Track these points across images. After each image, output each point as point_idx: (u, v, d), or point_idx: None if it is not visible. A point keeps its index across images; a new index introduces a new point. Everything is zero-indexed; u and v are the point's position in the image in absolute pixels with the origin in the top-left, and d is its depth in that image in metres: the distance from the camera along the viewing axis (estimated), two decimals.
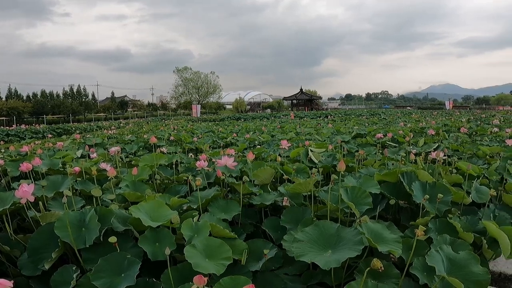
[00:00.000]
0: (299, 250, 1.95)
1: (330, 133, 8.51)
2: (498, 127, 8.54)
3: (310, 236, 2.02)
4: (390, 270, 2.00)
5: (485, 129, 8.05)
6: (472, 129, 8.41)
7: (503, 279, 2.44)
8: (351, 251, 1.87)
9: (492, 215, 2.89)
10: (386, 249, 1.94)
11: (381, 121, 16.82)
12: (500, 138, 6.53)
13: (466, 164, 3.55)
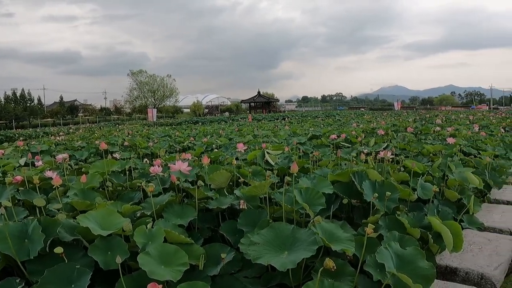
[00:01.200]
0: (256, 253, 1.96)
1: (287, 135, 8.66)
2: (440, 126, 9.14)
3: (266, 238, 2.03)
4: (346, 268, 2.06)
5: (429, 128, 8.59)
6: (417, 129, 8.93)
7: (449, 272, 2.54)
8: (306, 251, 1.91)
9: (436, 210, 3.08)
10: (339, 248, 2.00)
11: (335, 122, 17.39)
12: (442, 136, 6.99)
13: (412, 162, 3.76)
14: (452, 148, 5.15)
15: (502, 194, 4.38)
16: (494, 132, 9.28)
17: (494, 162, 4.84)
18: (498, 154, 5.85)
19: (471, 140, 6.71)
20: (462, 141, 6.16)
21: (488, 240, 2.95)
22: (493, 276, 2.40)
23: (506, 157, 5.90)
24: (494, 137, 7.87)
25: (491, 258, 2.61)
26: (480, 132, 7.88)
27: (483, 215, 3.59)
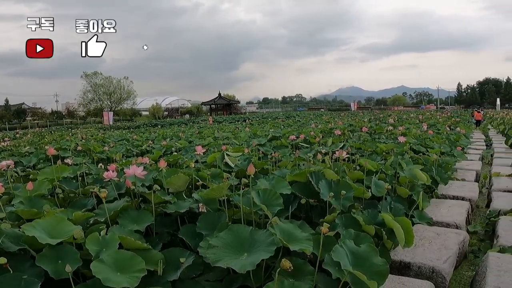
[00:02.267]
0: (215, 256, 1.94)
1: (247, 136, 8.68)
2: (392, 125, 9.60)
3: (225, 241, 2.02)
4: (305, 267, 2.09)
5: (382, 128, 8.98)
6: (372, 128, 9.30)
7: (403, 267, 2.63)
8: (265, 252, 1.92)
9: (388, 207, 3.21)
10: (298, 248, 2.01)
11: (295, 123, 17.70)
12: (394, 135, 7.33)
13: (365, 161, 3.90)
14: (403, 146, 5.41)
15: (448, 189, 4.67)
16: (441, 131, 9.89)
17: (441, 159, 5.15)
18: (444, 151, 6.24)
19: (420, 139, 7.10)
20: (412, 140, 6.50)
21: (437, 234, 3.10)
22: (443, 270, 2.52)
23: (451, 154, 6.31)
24: (441, 135, 8.39)
25: (441, 252, 2.74)
26: (428, 130, 8.35)
27: (431, 210, 3.79)
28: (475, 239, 3.57)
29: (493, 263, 2.52)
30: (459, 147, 7.05)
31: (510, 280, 2.27)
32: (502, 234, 3.19)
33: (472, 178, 5.55)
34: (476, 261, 3.06)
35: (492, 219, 3.82)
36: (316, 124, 12.73)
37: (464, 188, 4.78)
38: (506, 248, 2.92)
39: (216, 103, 60.48)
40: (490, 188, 5.03)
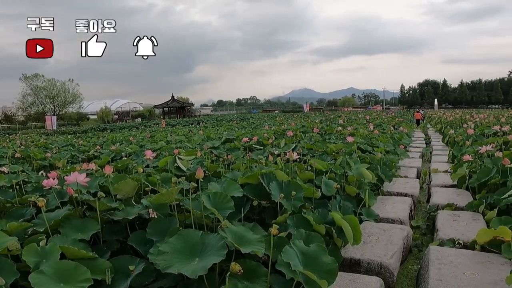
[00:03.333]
0: (165, 262, 1.90)
1: (201, 139, 8.59)
2: (342, 126, 9.98)
3: (175, 246, 1.98)
4: (259, 269, 2.10)
5: (333, 128, 9.30)
6: (323, 129, 9.59)
7: (354, 264, 2.70)
8: (216, 256, 1.90)
9: (338, 206, 3.30)
10: (249, 250, 2.01)
11: (249, 125, 17.82)
12: (343, 135, 7.61)
13: (316, 161, 4.01)
14: (351, 146, 5.63)
15: (392, 187, 4.91)
16: (386, 130, 10.44)
17: (385, 158, 5.43)
18: (388, 150, 6.58)
19: (367, 138, 7.44)
20: (359, 140, 6.78)
21: (383, 230, 3.22)
22: (390, 265, 2.62)
23: (395, 153, 6.68)
24: (385, 135, 8.85)
25: (387, 248, 2.84)
26: (375, 130, 8.79)
27: (378, 207, 3.95)
28: (418, 234, 3.74)
29: (434, 257, 2.65)
30: (402, 145, 7.47)
31: (449, 272, 2.40)
32: (441, 228, 3.37)
33: (413, 175, 5.88)
34: (420, 255, 3.19)
35: (432, 213, 4.05)
36: (269, 126, 12.90)
37: (407, 184, 5.06)
38: (445, 241, 3.09)
39: (169, 106, 59.22)
40: (430, 184, 5.37)
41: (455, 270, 2.43)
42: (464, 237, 3.07)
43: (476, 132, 8.17)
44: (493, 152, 4.62)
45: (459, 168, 4.79)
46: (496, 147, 5.37)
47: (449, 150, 8.19)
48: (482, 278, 2.30)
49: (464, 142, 7.04)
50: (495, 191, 3.81)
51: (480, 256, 2.63)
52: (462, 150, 6.27)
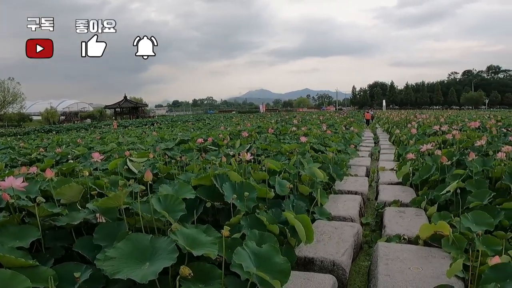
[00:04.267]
0: (113, 268, 1.82)
1: (154, 141, 8.35)
2: (296, 126, 10.19)
3: (123, 251, 1.90)
4: (214, 271, 2.07)
5: (287, 129, 9.46)
6: (278, 129, 9.73)
7: (308, 262, 2.74)
8: (167, 260, 1.85)
9: (291, 205, 3.35)
10: (201, 253, 1.98)
11: (205, 126, 17.63)
12: (297, 136, 7.77)
13: (270, 161, 4.05)
14: (304, 146, 5.75)
15: (344, 185, 5.08)
16: (338, 130, 10.81)
17: (337, 157, 5.61)
18: (340, 149, 6.81)
19: (320, 138, 7.65)
20: (313, 139, 6.96)
21: (335, 228, 3.30)
22: (342, 262, 2.69)
23: (346, 152, 6.93)
24: (338, 135, 9.16)
25: (339, 245, 2.92)
26: (327, 130, 9.07)
27: (330, 205, 4.06)
28: (368, 230, 3.88)
29: (381, 253, 2.76)
30: (352, 145, 7.77)
31: (396, 268, 2.51)
32: (388, 224, 3.51)
33: (363, 173, 6.13)
34: (370, 251, 3.31)
35: (380, 210, 4.23)
36: (225, 127, 12.85)
37: (357, 183, 5.26)
38: (391, 237, 3.22)
39: (122, 107, 57.01)
40: (378, 182, 5.63)
41: (402, 265, 2.54)
42: (408, 233, 3.21)
43: (419, 132, 8.71)
44: (433, 150, 4.94)
45: (403, 166, 5.07)
46: (436, 145, 5.74)
47: (395, 149, 8.65)
48: (426, 272, 2.42)
49: (408, 141, 7.48)
50: (435, 187, 4.05)
51: (423, 251, 2.77)
52: (406, 149, 6.65)
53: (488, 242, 2.53)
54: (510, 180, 3.22)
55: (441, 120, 11.35)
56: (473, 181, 3.56)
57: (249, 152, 4.08)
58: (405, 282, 2.31)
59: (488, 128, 7.65)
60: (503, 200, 3.19)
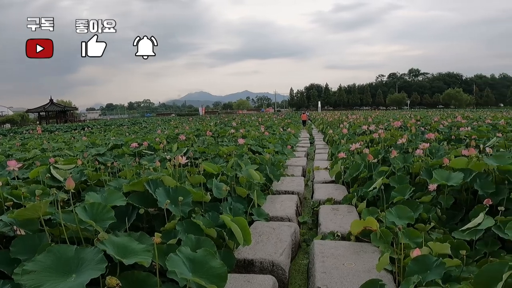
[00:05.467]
0: (33, 282, 1.67)
1: (84, 146, 7.83)
2: (235, 128, 10.22)
3: (45, 264, 1.76)
4: (150, 279, 2.00)
5: (226, 131, 9.45)
6: (217, 132, 9.68)
7: (248, 264, 2.75)
8: (95, 271, 1.75)
9: (228, 208, 3.34)
10: (133, 261, 1.90)
11: (141, 130, 16.96)
12: (236, 138, 7.80)
13: (207, 164, 4.01)
14: (242, 148, 5.79)
15: (281, 185, 5.20)
16: (275, 132, 11.06)
17: (274, 158, 5.73)
18: (277, 150, 6.97)
19: (258, 140, 7.76)
20: (251, 141, 7.04)
21: (273, 229, 3.35)
22: (281, 262, 2.73)
23: (283, 153, 7.11)
24: (275, 136, 9.37)
25: (277, 245, 2.96)
26: (265, 132, 9.23)
27: (268, 206, 4.12)
28: (305, 229, 3.99)
29: (318, 250, 2.85)
30: (289, 146, 8.00)
31: (332, 264, 2.60)
32: (322, 222, 3.62)
33: (299, 173, 6.32)
34: (308, 249, 3.38)
35: (315, 208, 4.37)
36: (162, 130, 12.48)
37: (293, 183, 5.41)
38: (326, 234, 3.33)
39: (47, 110, 52.67)
40: (313, 181, 5.85)
41: (336, 261, 2.65)
42: (342, 229, 3.35)
43: (350, 132, 9.23)
44: (362, 149, 5.27)
45: (335, 165, 5.32)
46: (364, 144, 6.13)
47: (329, 148, 9.07)
48: (358, 267, 2.54)
49: (340, 141, 7.88)
50: (364, 184, 4.31)
51: (355, 246, 2.91)
52: (338, 148, 7.00)
53: (410, 235, 2.70)
54: (427, 175, 3.52)
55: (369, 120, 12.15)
56: (396, 177, 3.85)
57: (186, 156, 3.99)
58: (341, 278, 2.40)
59: (408, 127, 8.34)
60: (421, 194, 3.48)
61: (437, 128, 8.14)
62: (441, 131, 7.42)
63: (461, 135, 6.24)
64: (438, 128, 8.02)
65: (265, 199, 4.26)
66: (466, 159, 3.45)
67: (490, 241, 2.55)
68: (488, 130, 7.16)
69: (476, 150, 3.81)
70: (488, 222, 2.46)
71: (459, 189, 3.38)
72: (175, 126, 16.58)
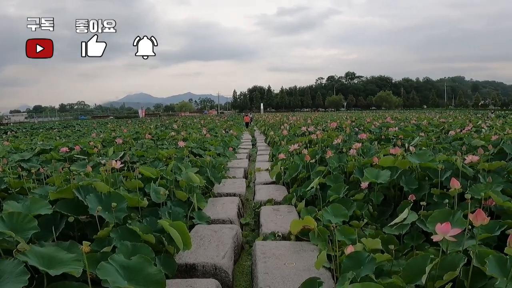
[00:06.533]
0: None
1: (5, 151, 7.13)
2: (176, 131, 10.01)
3: None
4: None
5: (166, 134, 9.21)
6: (157, 135, 9.39)
7: (190, 269, 2.69)
8: (16, 283, 1.65)
9: (167, 212, 3.25)
10: (60, 271, 1.80)
11: (75, 133, 15.93)
12: (176, 141, 7.63)
13: (145, 168, 3.87)
14: (182, 151, 5.68)
15: (222, 188, 5.16)
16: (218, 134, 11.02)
17: (215, 160, 5.70)
18: (219, 152, 6.94)
19: (199, 142, 7.67)
20: (192, 144, 6.93)
21: (215, 232, 3.32)
22: (223, 265, 2.70)
23: (224, 155, 7.10)
24: (217, 138, 9.33)
25: (218, 248, 2.93)
26: (207, 134, 9.16)
27: (209, 209, 4.07)
28: (248, 230, 4.00)
29: (259, 251, 2.86)
30: (231, 147, 8.01)
31: (273, 265, 2.63)
32: (264, 223, 3.65)
33: (241, 175, 6.35)
34: (251, 251, 3.35)
35: (257, 210, 4.39)
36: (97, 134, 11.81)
37: (235, 185, 5.42)
38: (267, 235, 3.37)
39: None
40: (255, 182, 5.89)
41: (278, 262, 2.68)
42: (282, 229, 3.41)
43: (290, 133, 9.48)
44: (301, 150, 5.44)
45: (275, 166, 5.43)
46: (303, 145, 6.34)
47: (270, 150, 9.23)
48: (299, 266, 2.60)
49: (281, 142, 8.07)
50: (303, 184, 4.44)
51: (295, 246, 2.97)
52: (279, 149, 7.16)
53: (345, 232, 2.80)
54: (359, 173, 3.73)
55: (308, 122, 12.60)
56: (331, 176, 4.02)
57: (123, 160, 3.81)
58: (282, 278, 2.43)
59: (344, 128, 8.79)
60: (355, 192, 3.67)
61: (370, 128, 8.67)
62: (373, 131, 7.92)
63: (389, 135, 6.72)
64: (370, 129, 8.55)
65: (206, 202, 4.22)
66: (393, 157, 3.71)
67: (416, 234, 2.71)
68: (413, 130, 7.81)
69: (402, 149, 4.11)
70: (412, 217, 2.64)
71: (387, 186, 3.62)
72: (112, 129, 15.78)
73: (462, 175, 3.25)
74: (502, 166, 3.51)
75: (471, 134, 6.36)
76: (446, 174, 3.21)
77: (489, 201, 2.70)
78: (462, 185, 2.99)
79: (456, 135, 6.39)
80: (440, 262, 1.92)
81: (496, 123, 11.18)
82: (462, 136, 6.18)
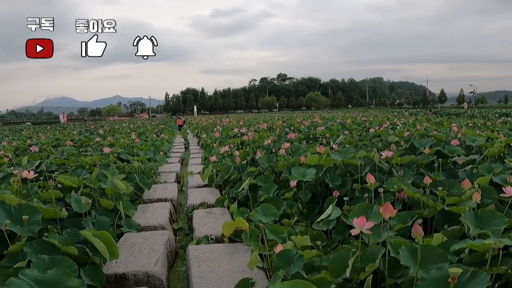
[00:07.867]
0: None
1: None
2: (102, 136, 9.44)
3: None
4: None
5: (91, 139, 8.65)
6: (80, 141, 8.77)
7: (120, 278, 2.58)
8: None
9: (91, 222, 3.06)
10: None
11: None
12: (102, 147, 7.21)
13: (65, 177, 3.59)
14: (108, 157, 5.38)
15: (153, 194, 5.00)
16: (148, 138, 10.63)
17: (144, 166, 5.48)
18: (149, 157, 6.70)
19: (128, 148, 7.32)
20: (120, 149, 6.59)
21: (145, 239, 3.21)
22: (156, 272, 2.62)
23: (155, 160, 6.87)
24: (147, 142, 8.99)
25: (150, 255, 2.84)
26: (136, 139, 8.77)
27: (139, 216, 3.93)
28: (182, 235, 3.92)
29: (192, 256, 2.83)
30: (162, 152, 7.77)
31: (208, 268, 2.61)
32: (196, 227, 3.62)
33: (173, 179, 6.20)
34: (185, 256, 3.28)
35: (189, 214, 4.31)
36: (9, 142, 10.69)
37: (166, 190, 5.28)
38: (201, 239, 3.33)
39: None
40: (187, 186, 5.79)
41: (212, 265, 2.67)
42: (215, 232, 3.39)
43: (223, 135, 9.49)
44: (233, 151, 5.47)
45: (206, 169, 5.39)
46: (235, 146, 6.38)
47: (202, 153, 9.15)
48: (233, 268, 2.60)
49: (213, 144, 8.03)
50: (235, 186, 4.47)
51: (229, 248, 2.98)
52: (211, 152, 7.12)
53: (275, 231, 2.84)
54: (288, 172, 3.86)
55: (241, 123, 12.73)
56: (262, 176, 4.10)
57: (39, 169, 3.49)
58: (217, 281, 2.43)
59: (275, 129, 9.04)
60: (285, 191, 3.77)
61: (299, 128, 9.02)
62: (302, 131, 8.25)
63: (317, 134, 7.05)
64: (300, 128, 8.90)
65: (135, 209, 4.07)
66: (318, 156, 3.90)
67: (341, 229, 2.85)
68: (338, 128, 8.28)
69: (327, 147, 4.34)
70: (336, 213, 2.77)
71: (314, 184, 3.79)
72: (28, 136, 14.35)
73: (379, 170, 3.53)
74: (413, 160, 3.88)
75: (387, 131, 6.93)
76: (365, 170, 3.44)
77: (402, 193, 2.96)
78: (379, 180, 3.26)
79: (375, 133, 6.91)
80: (361, 255, 2.02)
81: (409, 120, 12.36)
82: (380, 133, 6.71)
